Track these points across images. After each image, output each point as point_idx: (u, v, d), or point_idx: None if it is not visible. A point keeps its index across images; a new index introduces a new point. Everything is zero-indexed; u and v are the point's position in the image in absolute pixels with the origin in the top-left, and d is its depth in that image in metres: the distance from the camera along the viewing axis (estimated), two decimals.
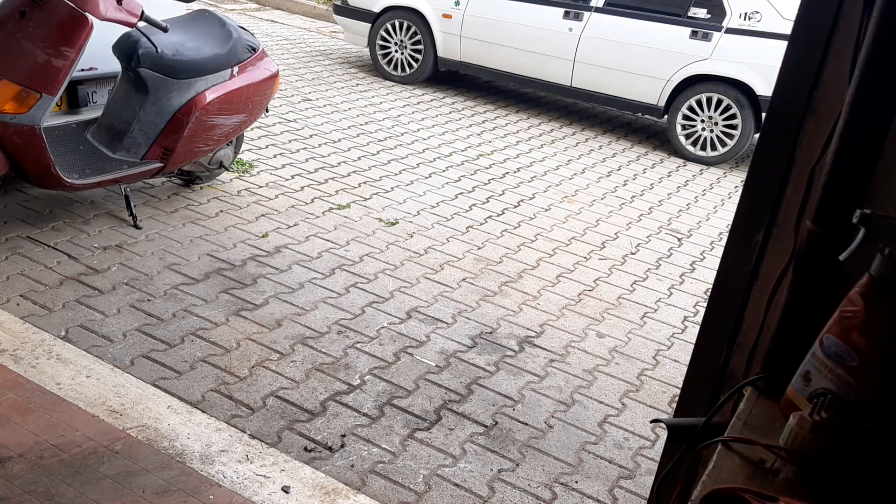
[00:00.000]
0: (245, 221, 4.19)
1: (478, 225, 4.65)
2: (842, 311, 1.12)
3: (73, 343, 2.92)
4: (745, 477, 1.08)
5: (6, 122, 3.13)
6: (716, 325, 1.56)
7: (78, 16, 3.12)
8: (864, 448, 1.09)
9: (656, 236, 4.94)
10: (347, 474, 2.51)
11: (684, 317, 3.96)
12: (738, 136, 6.51)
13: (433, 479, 2.55)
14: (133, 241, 3.78)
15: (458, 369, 3.18)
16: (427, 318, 3.52)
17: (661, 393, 3.26)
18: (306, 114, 6.26)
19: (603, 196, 5.51)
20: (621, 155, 6.62)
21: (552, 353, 3.41)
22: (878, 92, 1.17)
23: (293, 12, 10.76)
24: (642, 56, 6.71)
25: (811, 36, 1.34)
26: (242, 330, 3.20)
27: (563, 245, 4.57)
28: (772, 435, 1.14)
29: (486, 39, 7.29)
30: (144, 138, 3.73)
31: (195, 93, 3.75)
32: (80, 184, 3.49)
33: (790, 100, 1.38)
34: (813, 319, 1.20)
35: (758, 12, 6.35)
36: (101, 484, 2.26)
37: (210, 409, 2.69)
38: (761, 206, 1.44)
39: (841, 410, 1.08)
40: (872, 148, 1.21)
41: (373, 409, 2.84)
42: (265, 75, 4.11)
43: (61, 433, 2.42)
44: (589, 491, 2.62)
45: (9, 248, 3.51)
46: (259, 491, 2.34)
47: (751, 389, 1.30)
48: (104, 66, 3.84)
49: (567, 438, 2.87)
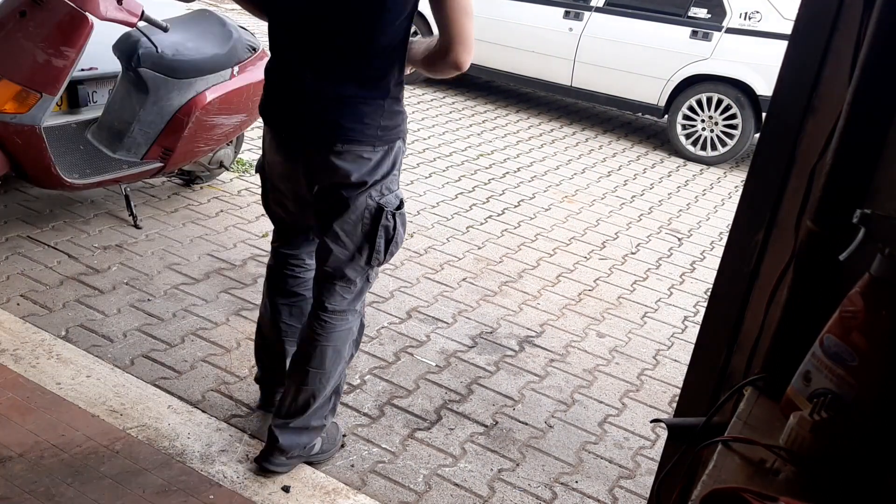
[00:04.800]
0: (245, 221, 4.19)
1: (478, 225, 4.65)
2: (842, 311, 1.12)
3: (74, 343, 2.92)
4: (746, 477, 1.08)
5: (6, 122, 3.13)
6: (716, 324, 1.56)
7: (78, 15, 3.11)
8: (865, 448, 1.09)
9: (656, 236, 4.94)
10: (347, 474, 2.51)
11: (684, 317, 3.96)
12: (738, 136, 6.50)
13: (433, 478, 2.55)
14: (133, 240, 3.78)
15: (459, 369, 3.18)
16: (427, 318, 3.52)
17: (661, 393, 3.26)
18: None
19: (603, 196, 5.51)
20: (621, 155, 6.62)
21: (552, 353, 3.41)
22: (879, 91, 1.17)
23: None
24: (643, 56, 6.71)
25: (811, 36, 1.34)
26: (242, 330, 3.20)
27: (564, 245, 4.57)
28: (772, 435, 1.14)
29: (486, 39, 7.29)
30: (145, 138, 3.73)
31: (195, 92, 3.74)
32: (80, 184, 3.49)
33: (790, 99, 1.38)
34: (813, 319, 1.20)
35: (758, 12, 6.35)
36: (101, 483, 2.26)
37: (210, 409, 2.69)
38: (761, 205, 1.44)
39: (841, 410, 1.08)
40: (872, 147, 1.21)
41: (373, 409, 2.84)
42: None
43: (61, 433, 2.42)
44: (589, 491, 2.62)
45: (9, 247, 3.51)
46: (259, 491, 2.34)
47: (751, 389, 1.30)
48: (104, 66, 3.84)
49: (567, 438, 2.87)
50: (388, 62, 2.03)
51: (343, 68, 2.02)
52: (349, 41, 1.99)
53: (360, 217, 2.16)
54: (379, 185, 2.15)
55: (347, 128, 2.05)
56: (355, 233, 2.18)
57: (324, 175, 2.13)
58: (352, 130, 2.05)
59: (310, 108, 2.07)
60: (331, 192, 2.15)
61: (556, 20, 7.03)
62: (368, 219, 2.16)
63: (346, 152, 2.07)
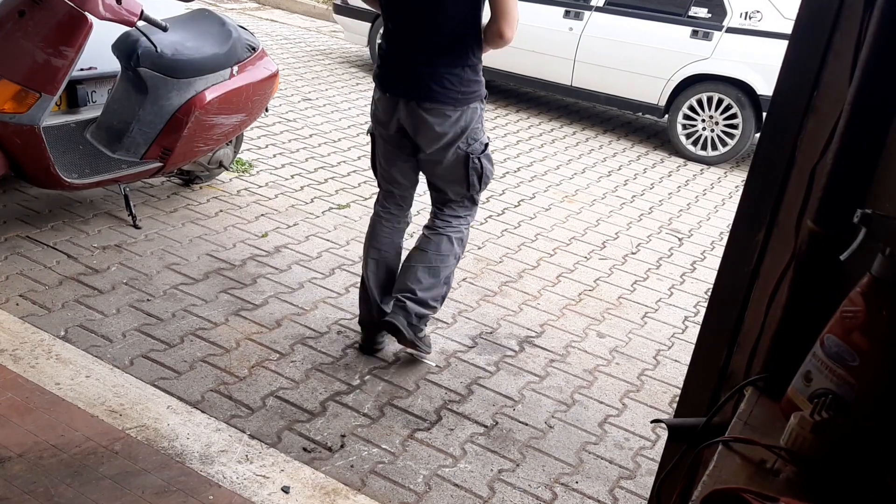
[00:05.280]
0: (245, 221, 4.18)
1: (478, 225, 4.65)
2: (843, 311, 1.11)
3: (73, 343, 2.92)
4: (746, 477, 1.07)
5: (5, 122, 3.13)
6: (716, 324, 1.55)
7: (77, 15, 3.11)
8: (865, 448, 1.09)
9: (657, 236, 4.94)
10: (347, 474, 2.50)
11: (685, 317, 3.95)
12: (738, 136, 6.50)
13: (433, 479, 2.55)
14: (132, 240, 3.77)
15: (459, 369, 3.18)
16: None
17: (661, 393, 3.26)
18: (306, 113, 6.26)
19: (603, 196, 5.50)
20: (622, 154, 6.62)
21: (552, 353, 3.41)
22: (879, 91, 1.17)
23: (293, 11, 10.76)
24: (643, 55, 6.70)
25: (812, 35, 1.34)
26: (242, 330, 3.19)
27: (564, 245, 4.57)
28: (772, 435, 1.14)
29: None
30: (144, 138, 3.73)
31: (195, 92, 3.74)
32: (79, 183, 3.49)
33: (791, 99, 1.38)
34: (814, 319, 1.20)
35: (758, 11, 6.35)
36: (100, 484, 2.25)
37: (210, 410, 2.69)
38: (762, 205, 1.44)
39: (842, 410, 1.08)
40: (873, 147, 1.21)
41: (373, 410, 2.84)
42: (265, 75, 4.11)
43: (61, 433, 2.42)
44: (589, 491, 2.62)
45: (8, 247, 3.51)
46: (259, 491, 2.34)
47: (751, 389, 1.30)
48: (104, 66, 3.84)
49: (567, 439, 2.87)
50: (467, 43, 2.73)
51: (436, 48, 2.71)
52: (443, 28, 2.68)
53: (454, 163, 2.88)
54: (464, 137, 2.83)
55: (437, 91, 2.73)
56: (453, 175, 2.92)
57: (422, 130, 2.80)
58: (439, 94, 2.73)
59: (411, 77, 2.75)
60: (429, 145, 2.83)
61: (557, 20, 7.02)
62: (461, 163, 2.88)
63: (433, 109, 2.75)
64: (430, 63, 2.72)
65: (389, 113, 2.83)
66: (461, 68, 2.73)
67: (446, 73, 2.72)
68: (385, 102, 2.84)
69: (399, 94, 2.78)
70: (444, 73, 2.71)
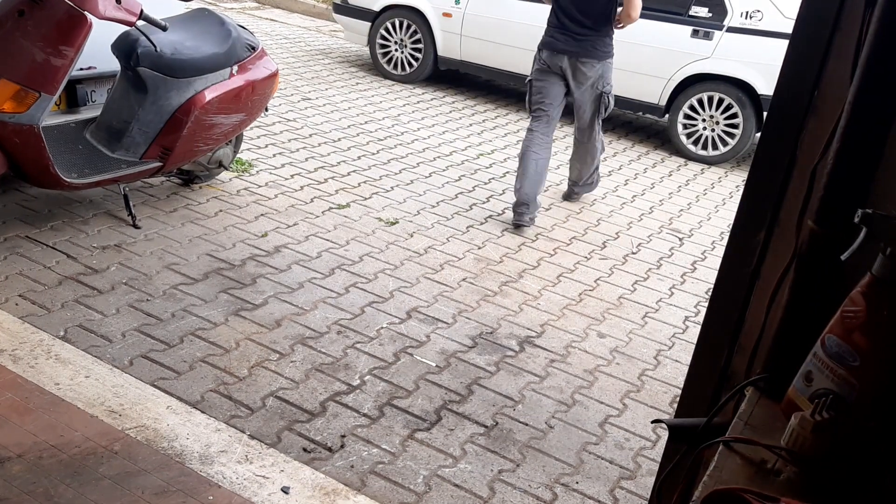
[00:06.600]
0: (244, 221, 4.18)
1: (478, 224, 4.65)
2: (843, 311, 1.11)
3: (72, 343, 2.91)
4: (747, 477, 1.07)
5: (5, 122, 3.12)
6: (717, 325, 1.55)
7: (77, 14, 3.11)
8: (866, 448, 1.09)
9: (657, 236, 4.93)
10: (347, 475, 2.50)
11: (685, 317, 3.95)
12: (739, 136, 6.49)
13: (433, 479, 2.55)
14: (132, 240, 3.77)
15: (459, 369, 3.17)
16: (427, 318, 3.51)
17: (662, 393, 3.26)
18: (306, 113, 6.25)
19: (604, 195, 5.50)
20: (622, 154, 6.62)
21: (553, 354, 3.41)
22: (880, 91, 1.17)
23: (293, 11, 10.76)
24: (643, 55, 6.69)
25: (813, 35, 1.34)
26: (242, 330, 3.19)
27: (564, 244, 4.56)
28: (773, 435, 1.14)
29: (486, 38, 7.29)
30: (143, 137, 3.73)
31: (194, 92, 3.74)
32: (78, 183, 3.49)
33: (791, 99, 1.38)
34: (814, 319, 1.20)
35: (759, 11, 6.34)
36: (100, 484, 2.25)
37: (209, 410, 2.69)
38: (763, 205, 1.43)
39: (842, 411, 1.08)
40: (874, 147, 1.21)
41: (373, 410, 2.84)
42: (265, 74, 4.11)
43: (60, 433, 2.42)
44: (590, 492, 2.62)
45: (7, 247, 3.51)
46: (258, 491, 2.33)
47: (752, 390, 1.29)
48: (103, 65, 3.84)
49: (568, 439, 2.87)
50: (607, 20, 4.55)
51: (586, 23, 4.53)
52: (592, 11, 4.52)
53: (592, 96, 4.71)
54: (601, 81, 4.66)
55: (589, 50, 4.55)
56: (591, 103, 4.75)
57: (578, 75, 4.61)
58: (589, 52, 4.56)
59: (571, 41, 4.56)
60: (580, 85, 4.65)
61: None
62: (597, 97, 4.71)
63: (587, 63, 4.57)
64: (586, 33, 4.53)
65: (558, 65, 4.58)
66: (604, 36, 4.55)
67: (596, 38, 4.52)
68: (553, 59, 4.58)
69: (565, 52, 4.54)
70: (594, 39, 4.52)
